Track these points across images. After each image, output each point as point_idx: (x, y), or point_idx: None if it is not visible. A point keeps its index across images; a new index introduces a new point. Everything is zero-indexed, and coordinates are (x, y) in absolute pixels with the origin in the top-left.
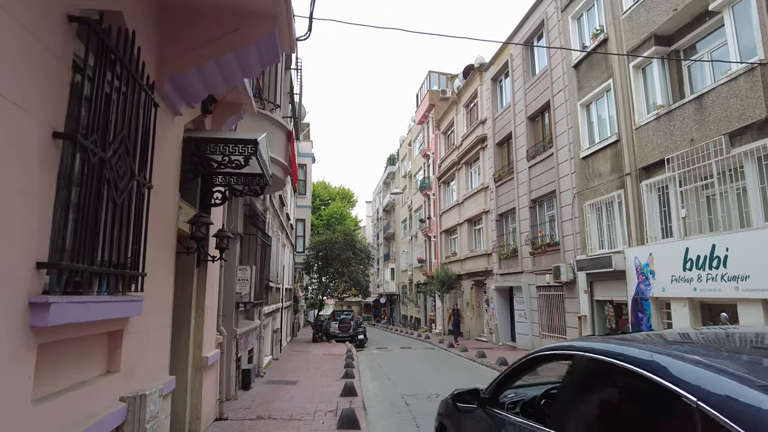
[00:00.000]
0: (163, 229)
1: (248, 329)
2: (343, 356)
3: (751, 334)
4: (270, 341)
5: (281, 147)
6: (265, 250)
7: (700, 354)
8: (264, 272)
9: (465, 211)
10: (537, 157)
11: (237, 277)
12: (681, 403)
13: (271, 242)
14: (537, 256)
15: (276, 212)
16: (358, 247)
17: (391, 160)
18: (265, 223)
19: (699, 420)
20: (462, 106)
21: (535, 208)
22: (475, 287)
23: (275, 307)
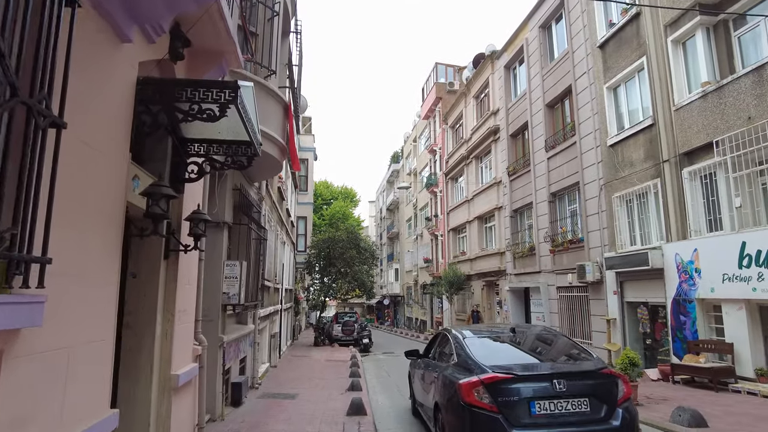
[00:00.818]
0: (99, 199)
1: (239, 335)
2: (348, 363)
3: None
4: (267, 347)
5: (277, 122)
6: (261, 246)
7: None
8: (259, 270)
9: (475, 208)
10: (557, 147)
11: (224, 274)
12: (447, 334)
13: (268, 236)
14: (557, 254)
15: (274, 205)
16: (362, 245)
17: (395, 157)
18: (261, 215)
19: (451, 337)
20: (471, 98)
21: (555, 203)
22: (487, 288)
23: (273, 309)
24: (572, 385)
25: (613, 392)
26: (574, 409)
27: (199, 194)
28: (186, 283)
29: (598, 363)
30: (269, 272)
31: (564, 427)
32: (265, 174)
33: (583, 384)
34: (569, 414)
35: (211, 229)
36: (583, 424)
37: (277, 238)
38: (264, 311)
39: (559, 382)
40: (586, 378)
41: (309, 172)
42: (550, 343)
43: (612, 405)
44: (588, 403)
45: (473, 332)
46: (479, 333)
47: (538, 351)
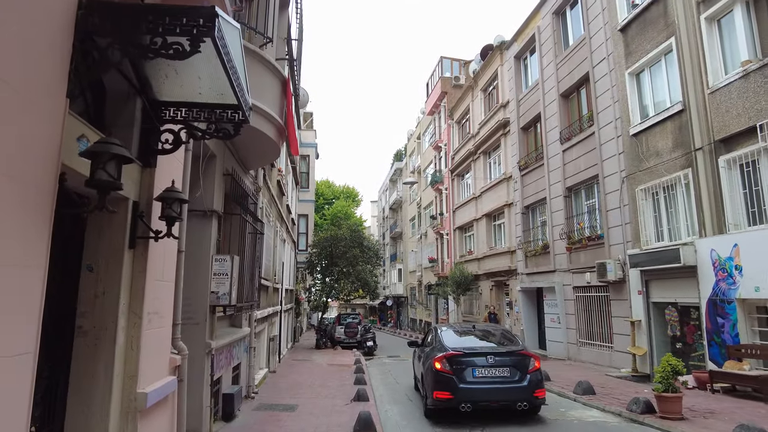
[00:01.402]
0: (18, 158)
1: (232, 340)
2: (352, 367)
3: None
4: (265, 351)
5: (273, 98)
6: (257, 241)
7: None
8: (255, 268)
9: (483, 205)
10: (573, 138)
11: (212, 270)
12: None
13: (266, 231)
14: (574, 251)
15: (273, 199)
16: (366, 244)
17: (398, 155)
18: (257, 207)
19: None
20: (479, 91)
21: (571, 197)
22: (496, 288)
23: (272, 311)
24: (499, 360)
25: (526, 365)
26: (499, 375)
27: (178, 171)
28: (159, 278)
29: (519, 346)
30: (267, 271)
31: (492, 385)
32: (260, 159)
33: (506, 359)
34: (496, 377)
35: (196, 219)
36: (504, 383)
37: (277, 235)
38: (261, 313)
39: (491, 357)
40: (509, 355)
41: (310, 169)
42: (494, 334)
43: (524, 372)
44: (509, 371)
45: (447, 327)
46: (451, 327)
47: (484, 339)
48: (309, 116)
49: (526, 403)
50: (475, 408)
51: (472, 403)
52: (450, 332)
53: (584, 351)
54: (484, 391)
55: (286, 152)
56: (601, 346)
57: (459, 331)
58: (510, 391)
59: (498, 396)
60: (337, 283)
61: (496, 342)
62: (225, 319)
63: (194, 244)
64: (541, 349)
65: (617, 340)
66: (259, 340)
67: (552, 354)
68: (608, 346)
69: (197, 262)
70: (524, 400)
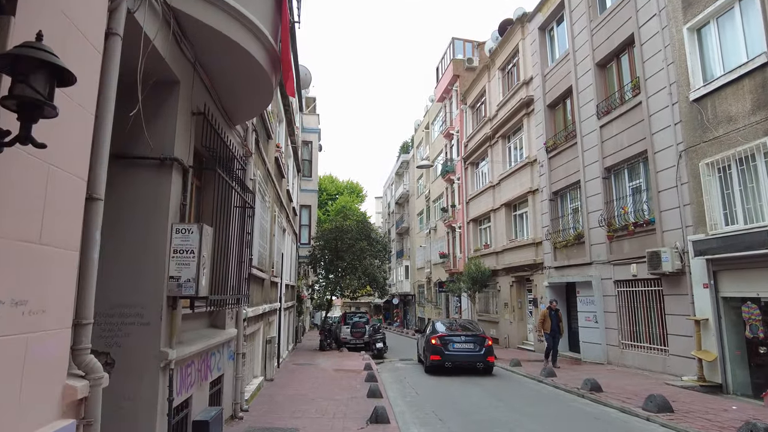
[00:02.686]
0: None
1: (208, 346)
2: (361, 374)
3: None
4: (260, 356)
5: (265, 9)
6: (247, 219)
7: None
8: (245, 253)
9: (502, 194)
10: (612, 112)
11: (171, 245)
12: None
13: (257, 207)
14: (616, 240)
15: (270, 177)
16: (374, 236)
17: (404, 147)
18: (246, 173)
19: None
20: (497, 70)
21: (611, 179)
22: (517, 285)
23: (268, 308)
24: (467, 339)
25: (483, 342)
26: (467, 347)
27: (83, 53)
28: (32, 239)
29: (479, 332)
30: (262, 260)
31: (463, 353)
32: (248, 103)
33: (471, 338)
34: (465, 348)
35: (146, 169)
36: (470, 352)
37: (275, 221)
38: (254, 310)
39: (463, 336)
40: (473, 336)
41: (313, 157)
42: (464, 325)
43: (482, 346)
44: (473, 345)
45: (438, 321)
46: (440, 321)
47: (459, 327)
48: (312, 101)
49: (482, 364)
50: (454, 365)
51: (452, 362)
52: (440, 323)
53: (629, 354)
54: (459, 356)
55: (285, 132)
56: (651, 348)
57: (445, 324)
58: (473, 356)
59: (466, 359)
60: (343, 278)
61: (466, 329)
62: (199, 318)
63: (141, 205)
64: (572, 352)
65: (674, 343)
66: (252, 344)
67: (587, 357)
68: (661, 348)
69: (147, 231)
70: (481, 361)
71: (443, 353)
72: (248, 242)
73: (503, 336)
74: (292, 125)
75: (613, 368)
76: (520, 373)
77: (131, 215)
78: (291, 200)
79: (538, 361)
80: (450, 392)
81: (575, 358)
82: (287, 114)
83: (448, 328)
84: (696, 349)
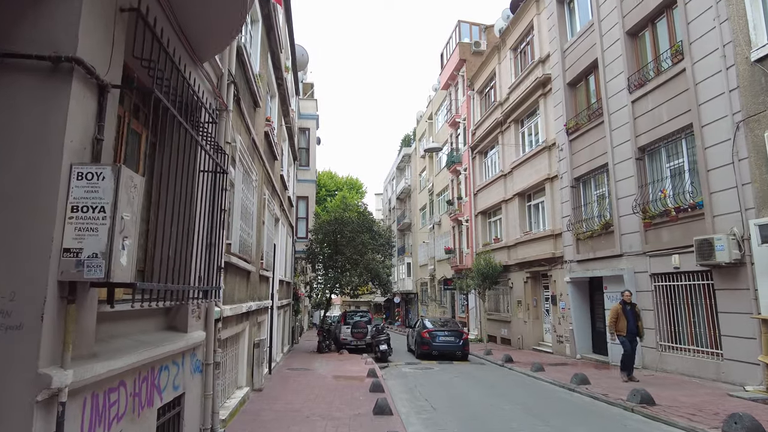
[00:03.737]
0: None
1: (152, 358)
2: (365, 381)
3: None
4: (245, 363)
5: None
6: (220, 188)
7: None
8: (217, 233)
9: (515, 183)
10: (646, 84)
11: (68, 197)
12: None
13: (237, 178)
14: (654, 228)
15: (257, 151)
16: (376, 230)
17: (406, 141)
18: (219, 132)
19: (420, 319)
20: (508, 51)
21: (645, 160)
22: (532, 281)
23: (256, 306)
24: (449, 332)
25: (461, 335)
26: (449, 339)
27: None
28: None
29: (458, 328)
30: (245, 248)
31: (446, 344)
32: (212, 20)
33: (452, 332)
34: (448, 341)
35: (26, 74)
36: (451, 343)
37: (266, 207)
38: (234, 308)
39: (446, 331)
40: (454, 331)
41: (311, 145)
42: (447, 322)
43: (461, 339)
44: (453, 338)
45: (427, 319)
46: (428, 318)
47: (444, 323)
48: (309, 87)
49: (460, 352)
50: (439, 353)
51: (438, 351)
52: (428, 321)
53: (670, 358)
54: (443, 346)
55: (279, 110)
56: (699, 352)
57: (432, 320)
58: (453, 347)
59: (448, 349)
60: (343, 275)
61: (447, 325)
62: (147, 318)
63: (17, 132)
64: (597, 354)
65: (730, 345)
66: (234, 349)
67: (617, 360)
68: (712, 352)
69: (26, 174)
70: (459, 350)
71: (431, 344)
72: (223, 222)
73: (516, 337)
74: (286, 104)
75: (652, 374)
76: (545, 379)
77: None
78: (286, 188)
79: (561, 365)
80: (472, 406)
81: (602, 362)
82: (280, 90)
83: (434, 324)
84: (763, 353)
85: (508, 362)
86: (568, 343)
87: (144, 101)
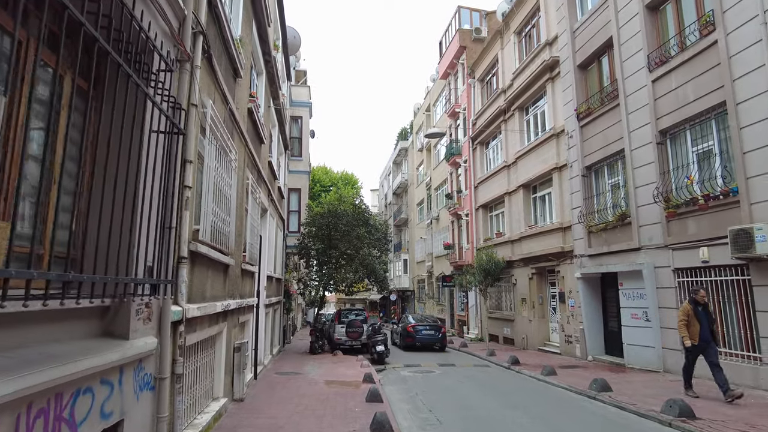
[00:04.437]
0: None
1: (55, 380)
2: (360, 387)
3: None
4: (223, 370)
5: None
6: (179, 157)
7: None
8: (170, 208)
9: (519, 174)
10: (669, 61)
11: None
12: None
13: (207, 151)
14: (678, 218)
15: (235, 122)
16: (372, 223)
17: (402, 134)
18: (179, 87)
19: (405, 317)
20: (512, 35)
21: (667, 144)
22: (537, 277)
23: (235, 305)
24: (430, 326)
25: (440, 329)
26: (430, 332)
27: None
28: None
29: (438, 323)
30: (220, 236)
31: (427, 336)
32: None
33: (433, 326)
34: (429, 334)
35: None
36: (432, 336)
37: (249, 193)
38: (204, 308)
39: (427, 326)
40: (433, 325)
41: (304, 134)
42: (428, 318)
43: (439, 332)
44: (433, 331)
45: (411, 315)
46: (411, 315)
47: (425, 319)
48: (303, 75)
49: (439, 345)
50: (422, 345)
51: (420, 343)
52: (411, 317)
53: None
54: (425, 339)
55: (266, 89)
56: (733, 355)
57: (415, 317)
58: (434, 339)
59: (429, 341)
60: (337, 271)
61: (427, 320)
62: (68, 321)
63: None
64: (610, 356)
65: None
66: (207, 355)
67: (635, 363)
68: (749, 356)
69: None
70: (438, 342)
71: (415, 337)
72: (185, 200)
73: (520, 336)
74: (275, 86)
75: (677, 377)
76: (559, 385)
77: None
78: (276, 178)
79: (572, 367)
80: (483, 420)
81: (616, 364)
82: (268, 67)
83: (417, 320)
84: None
85: (514, 364)
86: (578, 344)
87: (62, 26)
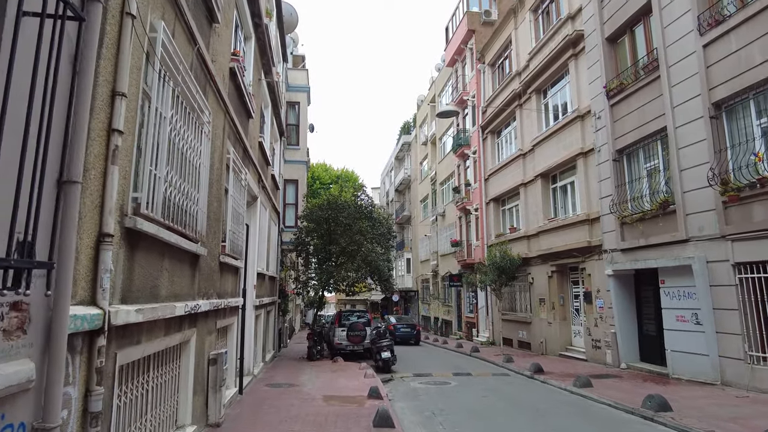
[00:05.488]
0: None
1: None
2: (365, 405)
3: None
4: (191, 390)
5: None
6: (81, 66)
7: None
8: (67, 144)
9: (537, 163)
10: (728, 20)
11: None
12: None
13: (165, 98)
14: (740, 204)
15: (209, 74)
16: (376, 216)
17: (405, 128)
18: None
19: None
20: (527, 12)
21: (722, 117)
22: (558, 275)
23: (208, 306)
24: (406, 326)
25: (415, 327)
26: (407, 330)
27: None
28: None
29: (413, 323)
30: (178, 211)
31: (404, 333)
32: None
33: (409, 325)
34: (406, 331)
35: None
36: (408, 333)
37: (231, 169)
38: (148, 311)
39: (405, 325)
40: (410, 324)
41: (301, 121)
42: (405, 318)
43: (414, 330)
44: (409, 330)
45: (391, 316)
46: (392, 317)
47: (401, 319)
48: (301, 60)
49: (414, 341)
50: (401, 339)
51: (399, 338)
52: (392, 318)
53: (758, 374)
54: (403, 335)
55: (256, 57)
56: None
57: (395, 318)
58: (410, 336)
59: (406, 336)
60: (337, 268)
61: (405, 320)
62: None
63: None
64: (647, 363)
65: None
66: (167, 372)
67: (681, 373)
68: None
69: None
70: (413, 338)
71: (395, 334)
72: (113, 151)
73: (538, 340)
74: (267, 57)
75: (743, 393)
76: (600, 400)
77: None
78: (269, 164)
79: (606, 377)
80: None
81: (658, 373)
82: (258, 33)
83: (396, 321)
84: None
85: (538, 372)
86: (608, 349)
87: None
